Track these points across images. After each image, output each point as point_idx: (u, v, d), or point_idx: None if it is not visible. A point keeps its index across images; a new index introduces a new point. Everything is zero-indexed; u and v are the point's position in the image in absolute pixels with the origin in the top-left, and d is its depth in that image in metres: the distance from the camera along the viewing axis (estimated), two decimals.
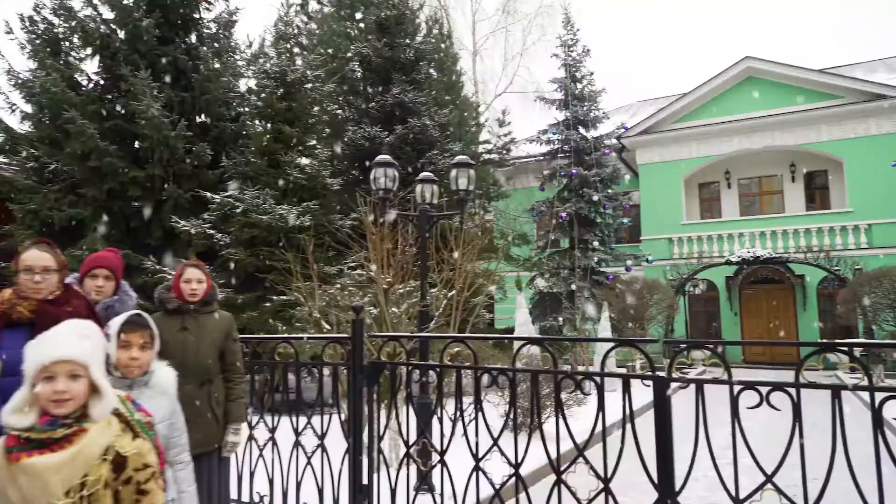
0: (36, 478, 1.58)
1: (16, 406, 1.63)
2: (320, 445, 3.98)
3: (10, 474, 1.59)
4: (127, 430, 1.78)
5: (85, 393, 1.69)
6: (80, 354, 1.70)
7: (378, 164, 5.36)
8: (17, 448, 1.60)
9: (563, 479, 2.99)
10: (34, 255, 2.58)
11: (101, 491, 1.67)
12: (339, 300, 6.65)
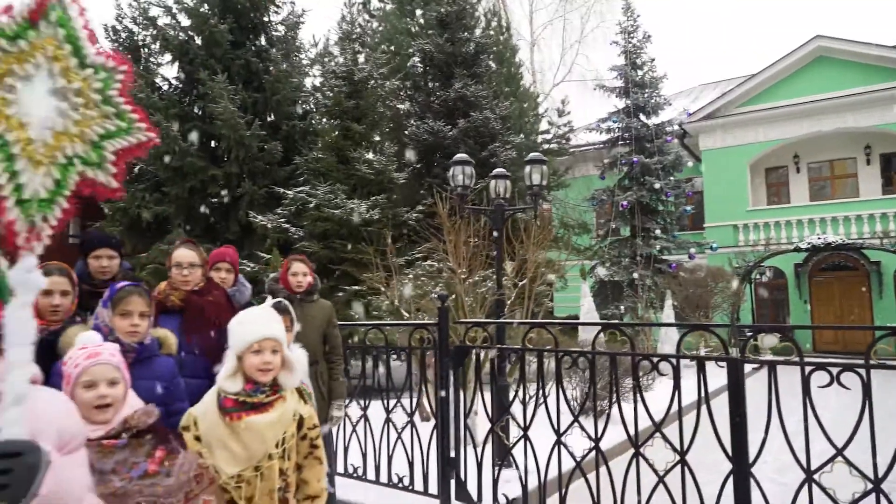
0: (257, 433, 1.99)
1: (227, 374, 2.04)
2: (410, 422, 4.35)
3: (232, 430, 2.00)
4: (300, 398, 2.19)
5: (279, 365, 2.09)
6: (280, 333, 2.10)
7: (456, 163, 5.69)
8: (235, 408, 2.01)
9: (641, 452, 3.25)
10: (182, 252, 3.02)
11: (293, 444, 2.08)
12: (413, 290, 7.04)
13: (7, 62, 1.07)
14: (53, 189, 1.14)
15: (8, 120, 1.06)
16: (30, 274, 1.08)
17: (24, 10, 1.10)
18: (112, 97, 1.25)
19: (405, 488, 4.30)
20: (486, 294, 7.01)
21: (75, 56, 1.18)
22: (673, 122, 19.43)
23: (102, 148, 1.23)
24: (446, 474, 4.13)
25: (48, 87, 1.13)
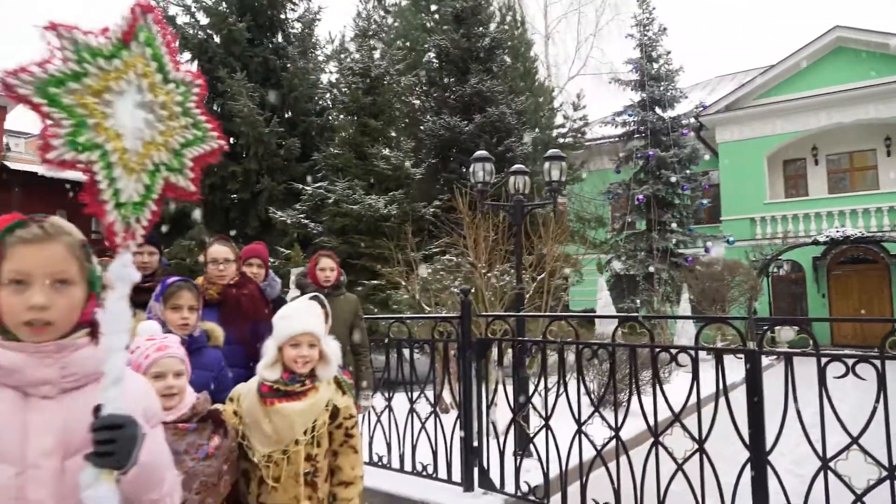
0: (285, 418, 2.13)
1: (267, 363, 2.18)
2: (434, 413, 4.48)
3: (266, 413, 2.14)
4: (338, 389, 2.32)
5: (317, 358, 2.22)
6: (319, 329, 2.23)
7: (476, 160, 5.79)
8: (269, 395, 2.16)
9: (661, 441, 3.36)
10: (218, 249, 3.17)
11: (323, 432, 2.21)
12: (432, 284, 7.17)
13: (105, 79, 1.20)
14: (144, 193, 1.27)
15: (107, 131, 1.20)
16: (126, 269, 1.21)
17: (118, 32, 1.23)
18: (190, 109, 1.38)
19: (429, 476, 4.44)
20: (503, 288, 7.13)
21: (160, 72, 1.31)
22: (689, 115, 19.35)
23: (183, 155, 1.36)
24: (469, 462, 4.26)
25: (137, 101, 1.26)
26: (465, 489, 4.26)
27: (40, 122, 1.14)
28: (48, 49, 1.14)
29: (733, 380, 3.90)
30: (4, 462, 1.11)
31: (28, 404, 1.16)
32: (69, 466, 1.15)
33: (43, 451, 1.14)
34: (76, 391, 1.21)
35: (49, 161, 1.13)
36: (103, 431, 1.09)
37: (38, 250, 1.18)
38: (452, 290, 6.95)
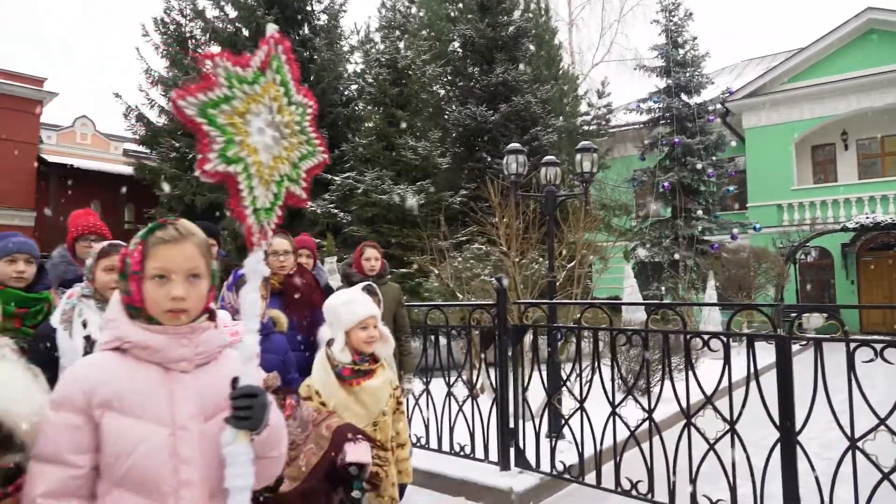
0: (372, 394, 2.37)
1: (339, 348, 2.40)
2: (470, 396, 4.69)
3: (352, 394, 2.37)
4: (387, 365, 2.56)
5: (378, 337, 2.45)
6: (378, 312, 2.45)
7: (510, 152, 5.95)
8: (352, 376, 2.39)
9: (693, 422, 3.52)
10: (278, 241, 3.39)
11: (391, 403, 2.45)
12: (462, 272, 7.36)
13: (248, 102, 1.40)
14: (273, 200, 1.48)
15: (248, 147, 1.40)
16: (259, 264, 1.43)
17: (257, 62, 1.43)
18: (305, 127, 1.58)
19: (466, 456, 4.65)
20: (532, 276, 7.29)
21: (286, 95, 1.50)
22: (715, 101, 19.17)
23: (299, 168, 1.56)
24: (506, 443, 4.46)
25: (269, 121, 1.46)
26: (501, 468, 4.46)
27: (199, 138, 1.35)
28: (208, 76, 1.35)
29: (761, 365, 4.04)
30: (160, 424, 1.33)
31: (170, 377, 1.38)
32: (208, 428, 1.37)
33: (188, 416, 1.36)
34: (204, 366, 1.43)
35: (206, 172, 1.34)
36: (242, 399, 1.31)
37: (175, 250, 1.39)
38: (483, 278, 7.14)
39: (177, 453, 1.34)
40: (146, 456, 1.31)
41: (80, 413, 1.31)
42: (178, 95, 1.33)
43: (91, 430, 1.31)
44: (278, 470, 1.50)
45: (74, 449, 1.30)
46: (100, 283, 2.46)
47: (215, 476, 1.36)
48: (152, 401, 1.35)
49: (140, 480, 1.31)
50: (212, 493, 1.36)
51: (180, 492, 1.33)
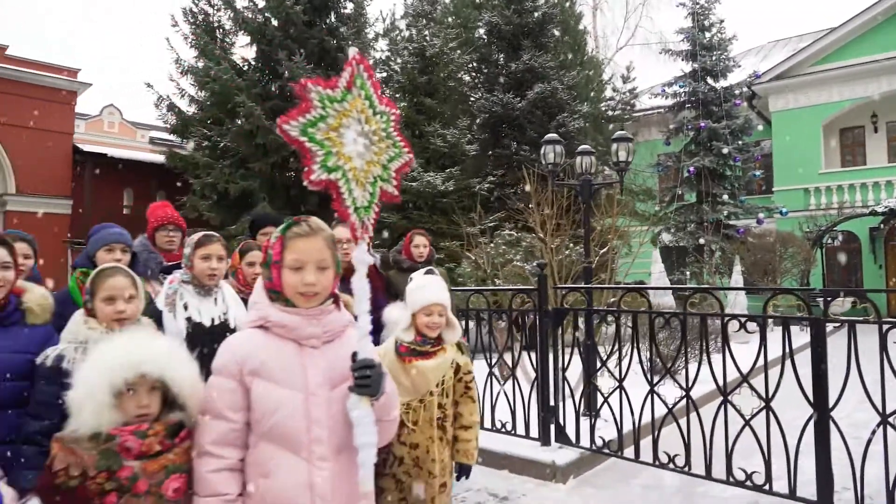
0: (422, 374, 2.58)
1: (403, 328, 2.64)
2: (512, 376, 4.93)
3: (404, 369, 2.60)
4: (459, 349, 2.77)
5: (444, 324, 2.67)
6: (447, 299, 2.67)
7: (547, 142, 6.13)
8: (407, 354, 2.62)
9: (729, 400, 3.72)
10: (341, 230, 3.64)
11: (450, 385, 2.68)
12: (495, 257, 7.58)
13: (339, 117, 1.63)
14: (369, 200, 1.71)
15: (344, 156, 1.63)
16: (365, 254, 1.67)
17: (343, 82, 1.66)
18: (391, 132, 1.81)
19: (508, 432, 4.90)
20: (563, 261, 7.49)
21: (370, 107, 1.73)
22: (741, 85, 18.99)
23: (389, 168, 1.80)
24: (546, 420, 4.70)
25: (359, 131, 1.69)
26: (542, 444, 4.70)
27: (302, 154, 1.59)
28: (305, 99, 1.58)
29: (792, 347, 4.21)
30: (296, 390, 1.59)
31: (303, 352, 1.63)
32: (334, 395, 1.62)
33: (318, 384, 1.61)
34: (330, 343, 1.68)
35: (312, 181, 1.58)
36: (363, 370, 1.56)
37: (309, 243, 1.64)
38: (516, 264, 7.35)
39: (309, 415, 1.59)
40: (285, 416, 1.57)
41: (235, 379, 1.57)
42: (282, 120, 1.57)
43: (243, 393, 1.57)
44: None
45: (231, 407, 1.56)
46: (197, 270, 2.73)
47: (340, 434, 1.61)
48: (290, 371, 1.60)
49: (281, 435, 1.57)
50: (338, 449, 1.62)
51: (312, 446, 1.58)
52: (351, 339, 1.71)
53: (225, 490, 1.53)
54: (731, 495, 4.00)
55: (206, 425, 1.56)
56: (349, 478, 1.60)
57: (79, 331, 2.05)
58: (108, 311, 2.05)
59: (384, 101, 1.81)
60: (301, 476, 1.56)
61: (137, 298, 2.15)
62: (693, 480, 4.06)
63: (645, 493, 4.13)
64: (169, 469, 1.52)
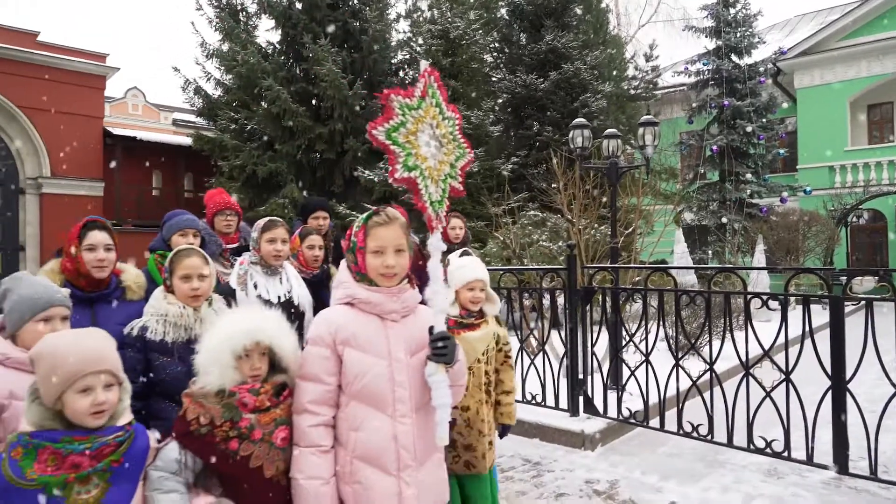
0: (470, 345, 2.85)
1: (449, 302, 2.91)
2: (542, 350, 5.19)
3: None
4: (498, 322, 3.05)
5: (485, 299, 2.94)
6: (486, 276, 2.93)
7: (575, 127, 6.31)
8: (454, 327, 2.89)
9: (751, 373, 3.95)
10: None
11: (492, 354, 2.95)
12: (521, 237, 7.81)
13: (416, 122, 1.89)
14: (441, 194, 1.97)
15: (420, 157, 1.89)
16: (439, 241, 1.93)
17: (418, 91, 1.91)
18: (456, 134, 2.06)
19: (538, 404, 5.18)
20: (589, 241, 7.70)
21: (440, 113, 1.98)
22: (766, 62, 18.77)
23: (456, 167, 2.05)
24: (575, 392, 4.98)
25: (431, 134, 1.94)
26: (571, 414, 4.99)
27: (388, 155, 1.84)
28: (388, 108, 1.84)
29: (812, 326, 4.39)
30: (381, 357, 1.87)
31: (385, 324, 1.91)
32: (412, 361, 1.90)
33: (399, 351, 1.89)
34: (406, 317, 1.95)
35: (396, 179, 1.84)
36: (439, 342, 1.83)
37: (388, 230, 1.90)
38: (542, 244, 7.57)
39: (392, 378, 1.87)
40: (372, 379, 1.85)
41: (329, 348, 1.86)
42: (371, 126, 1.83)
43: (336, 360, 1.86)
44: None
45: (326, 372, 1.84)
46: (264, 252, 3.02)
47: (418, 395, 1.90)
48: (375, 341, 1.88)
49: (369, 395, 1.85)
50: (416, 407, 1.90)
51: (396, 405, 1.87)
52: (423, 312, 1.98)
53: (321, 442, 1.83)
54: (751, 462, 4.26)
55: (305, 387, 1.85)
56: (426, 432, 1.89)
57: (159, 305, 2.34)
58: (185, 288, 2.33)
59: (451, 107, 2.06)
60: (386, 430, 1.84)
61: (210, 277, 2.43)
62: (715, 448, 4.32)
63: (669, 460, 4.40)
64: (277, 421, 1.82)
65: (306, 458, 1.80)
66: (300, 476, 1.79)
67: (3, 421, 1.92)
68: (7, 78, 17.04)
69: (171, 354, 2.26)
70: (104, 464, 1.53)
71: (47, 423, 1.53)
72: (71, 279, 2.44)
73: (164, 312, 2.29)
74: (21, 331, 2.02)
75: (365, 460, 1.83)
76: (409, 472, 1.85)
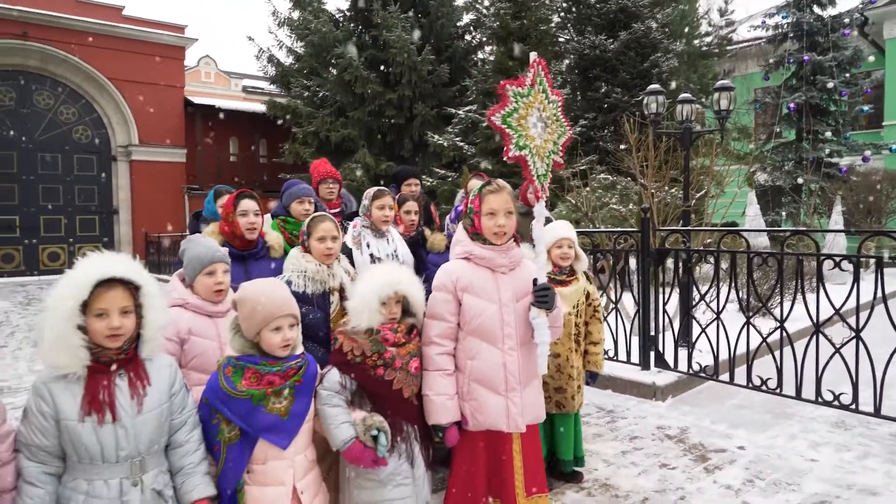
0: (562, 298, 3.21)
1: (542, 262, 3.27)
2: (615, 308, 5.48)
3: None
4: (588, 279, 3.39)
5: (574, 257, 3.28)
6: (573, 235, 3.27)
7: (650, 93, 6.41)
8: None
9: (821, 330, 4.14)
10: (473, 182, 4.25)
11: (582, 308, 3.31)
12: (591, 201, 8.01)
13: (526, 108, 2.22)
14: (546, 169, 2.31)
15: (529, 138, 2.23)
16: (544, 209, 2.28)
17: (528, 80, 2.24)
18: (558, 115, 2.38)
19: (611, 359, 5.50)
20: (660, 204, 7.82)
21: (546, 98, 2.31)
22: (852, 12, 17.69)
23: (558, 144, 2.38)
24: (647, 347, 5.27)
25: (538, 116, 2.28)
26: (642, 368, 5.29)
27: (503, 137, 2.19)
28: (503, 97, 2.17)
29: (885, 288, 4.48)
30: (492, 302, 2.25)
31: (496, 276, 2.29)
32: (517, 306, 2.28)
33: (507, 298, 2.27)
34: (513, 271, 2.33)
35: (509, 157, 2.19)
36: (542, 291, 2.20)
37: (499, 197, 2.26)
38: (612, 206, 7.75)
39: (502, 318, 2.26)
40: (486, 319, 2.25)
41: (451, 293, 2.26)
42: (489, 113, 2.18)
43: (456, 303, 2.26)
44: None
45: (449, 312, 2.25)
46: (374, 217, 3.44)
47: (522, 333, 2.28)
48: (488, 289, 2.27)
49: (483, 332, 2.25)
50: (521, 342, 2.29)
51: (505, 340, 2.26)
52: (527, 266, 2.35)
53: (446, 367, 2.25)
54: (819, 415, 4.47)
55: (432, 324, 2.27)
56: (528, 362, 2.29)
57: (299, 263, 2.79)
58: (321, 248, 2.76)
59: (555, 92, 2.38)
60: (497, 359, 2.25)
61: (339, 239, 2.86)
62: (783, 401, 4.55)
63: (737, 411, 4.66)
64: (411, 354, 2.25)
65: (435, 379, 2.24)
66: (430, 393, 2.23)
67: (185, 351, 2.43)
68: (97, 51, 18.16)
69: (311, 303, 2.71)
70: (290, 382, 1.99)
71: (248, 351, 1.99)
72: (227, 240, 2.93)
73: (304, 269, 2.74)
74: (195, 281, 2.52)
75: (479, 383, 2.25)
76: (515, 393, 2.25)
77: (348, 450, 2.06)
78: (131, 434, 1.67)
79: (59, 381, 1.63)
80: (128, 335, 1.68)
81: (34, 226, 17.86)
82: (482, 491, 2.31)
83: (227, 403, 1.91)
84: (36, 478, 1.61)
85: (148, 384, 1.72)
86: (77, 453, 1.63)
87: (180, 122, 19.95)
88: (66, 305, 1.59)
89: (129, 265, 1.70)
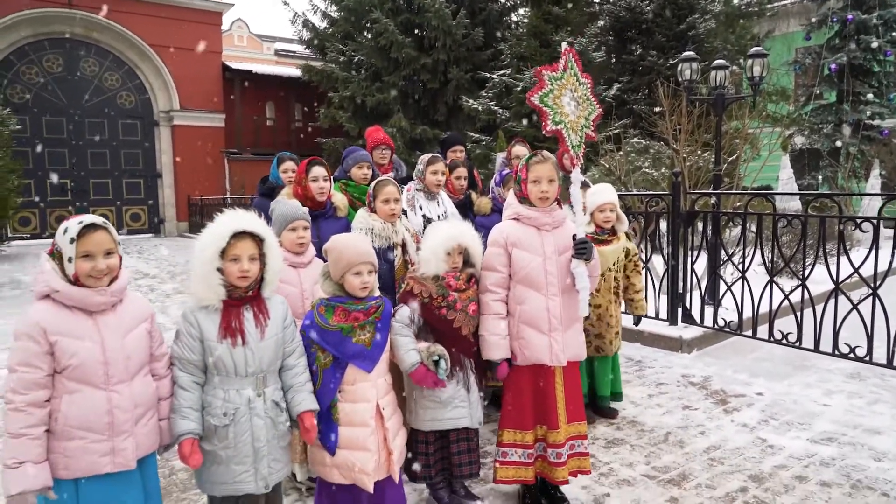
0: (603, 256, 3.58)
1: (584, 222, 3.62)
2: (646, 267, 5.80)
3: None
4: (628, 238, 3.74)
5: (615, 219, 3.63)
6: (615, 199, 3.61)
7: (683, 60, 6.57)
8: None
9: (840, 288, 4.42)
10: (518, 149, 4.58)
11: (622, 263, 3.68)
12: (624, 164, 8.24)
13: (560, 89, 2.56)
14: (578, 141, 2.66)
15: (564, 114, 2.57)
16: (579, 175, 2.65)
17: (561, 65, 2.58)
18: (588, 95, 2.72)
19: None
20: (692, 168, 8.02)
21: (577, 80, 2.64)
22: None
23: (588, 119, 2.72)
24: (675, 304, 5.60)
25: (571, 96, 2.61)
26: (669, 323, 5.63)
27: (541, 115, 2.54)
28: (539, 79, 2.51)
29: None
30: (537, 255, 2.63)
31: (541, 233, 2.66)
32: (560, 259, 2.65)
33: (550, 251, 2.64)
34: (555, 229, 2.69)
35: (548, 131, 2.54)
36: (580, 245, 2.56)
37: (543, 166, 2.62)
38: (645, 170, 7.97)
39: (545, 269, 2.64)
40: (531, 270, 2.63)
41: (502, 248, 2.64)
42: (529, 95, 2.52)
43: (507, 256, 2.64)
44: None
45: (501, 264, 2.64)
46: (427, 181, 3.82)
47: (563, 281, 2.66)
48: (533, 244, 2.65)
49: (529, 281, 2.63)
50: (562, 290, 2.66)
51: (548, 287, 2.64)
52: (569, 225, 2.71)
53: (499, 311, 2.65)
54: (836, 367, 4.79)
55: (487, 275, 2.67)
56: (569, 307, 2.67)
57: (366, 222, 3.19)
58: (386, 209, 3.16)
59: (584, 75, 2.71)
60: (542, 303, 2.64)
61: (401, 201, 3.25)
62: (802, 354, 4.86)
63: (758, 363, 5.00)
64: (470, 298, 2.66)
65: (490, 321, 2.64)
66: (486, 333, 2.64)
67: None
68: (138, 18, 18.61)
69: (379, 257, 3.12)
70: (371, 318, 2.41)
71: (336, 292, 2.42)
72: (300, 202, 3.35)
73: (371, 227, 3.14)
74: (281, 237, 2.94)
75: (527, 324, 2.64)
76: (557, 332, 2.64)
77: (414, 372, 2.49)
78: (256, 355, 2.11)
79: (202, 311, 2.08)
80: (254, 277, 2.11)
81: (84, 188, 18.71)
82: (530, 415, 2.73)
83: (322, 335, 2.35)
84: (188, 385, 2.08)
85: (268, 318, 2.16)
86: (216, 367, 2.08)
87: (219, 87, 20.40)
88: (209, 251, 2.03)
89: (257, 222, 2.13)
